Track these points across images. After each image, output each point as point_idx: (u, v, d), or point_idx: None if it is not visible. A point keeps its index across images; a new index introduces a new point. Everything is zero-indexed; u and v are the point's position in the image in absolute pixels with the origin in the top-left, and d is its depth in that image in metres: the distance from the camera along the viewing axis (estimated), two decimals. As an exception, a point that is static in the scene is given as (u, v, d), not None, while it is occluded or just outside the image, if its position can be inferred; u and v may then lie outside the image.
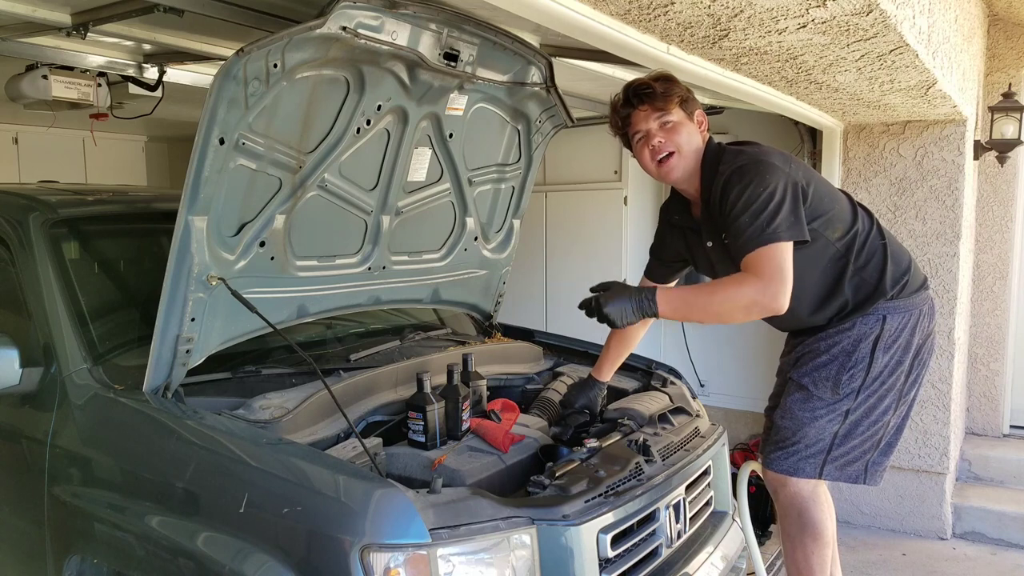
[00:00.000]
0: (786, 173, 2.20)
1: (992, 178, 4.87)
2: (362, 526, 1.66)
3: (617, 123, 2.39)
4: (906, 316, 2.34)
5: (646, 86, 2.30)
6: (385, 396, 2.42)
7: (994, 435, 5.04)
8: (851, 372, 2.33)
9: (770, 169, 2.19)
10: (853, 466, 2.40)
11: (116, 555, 1.99)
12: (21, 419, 2.26)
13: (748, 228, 2.13)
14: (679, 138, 2.31)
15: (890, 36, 2.41)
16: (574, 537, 1.85)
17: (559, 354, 3.16)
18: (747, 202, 2.14)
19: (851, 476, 2.40)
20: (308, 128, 2.17)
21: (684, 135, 2.31)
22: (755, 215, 2.12)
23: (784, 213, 2.14)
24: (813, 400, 2.37)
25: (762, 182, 2.16)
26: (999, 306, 4.93)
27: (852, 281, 2.34)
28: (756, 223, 2.12)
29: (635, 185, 4.81)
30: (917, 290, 2.40)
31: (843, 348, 2.34)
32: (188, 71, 3.23)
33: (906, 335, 2.35)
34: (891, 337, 2.33)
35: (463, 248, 2.96)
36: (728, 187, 2.20)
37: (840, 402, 2.35)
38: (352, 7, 1.95)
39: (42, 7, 2.40)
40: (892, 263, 2.36)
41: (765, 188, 2.15)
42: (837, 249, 2.33)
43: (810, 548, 2.43)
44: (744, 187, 2.16)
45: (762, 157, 2.24)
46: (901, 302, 2.34)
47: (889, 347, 2.33)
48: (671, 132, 2.31)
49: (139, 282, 2.65)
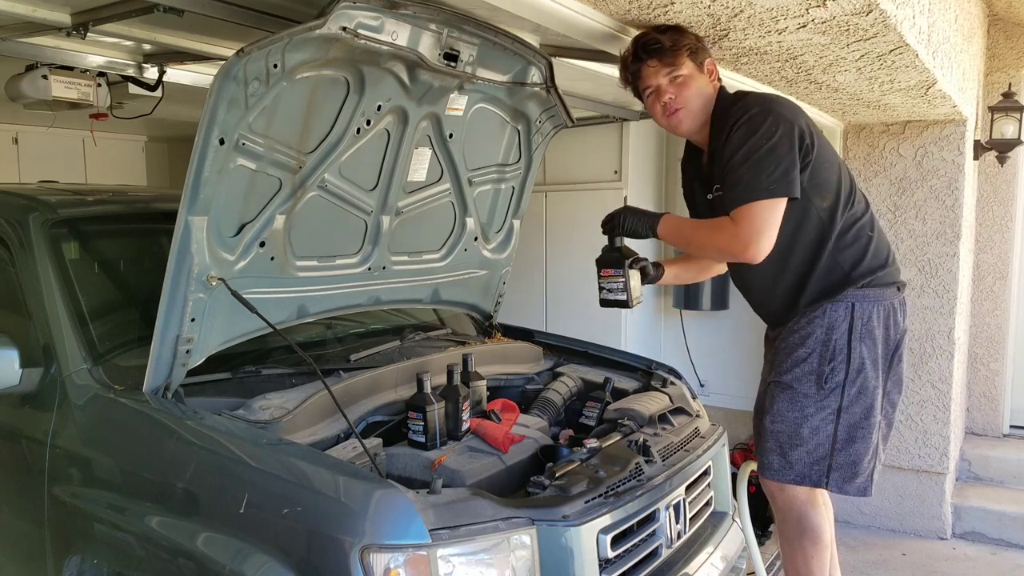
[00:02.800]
0: (792, 124, 2.21)
1: (992, 178, 4.87)
2: (362, 526, 1.66)
3: (627, 78, 2.40)
4: (876, 306, 2.32)
5: (654, 40, 2.29)
6: (385, 396, 2.42)
7: (994, 435, 5.04)
8: (832, 365, 2.31)
9: (778, 120, 2.20)
10: (860, 478, 2.35)
11: (116, 555, 1.99)
12: (21, 419, 2.26)
13: (744, 178, 2.16)
14: (689, 92, 2.32)
15: (890, 36, 2.41)
16: (574, 538, 1.85)
17: (559, 354, 3.15)
18: (747, 152, 2.16)
19: (859, 488, 2.36)
20: (308, 128, 2.17)
21: (694, 89, 2.32)
22: (754, 167, 2.15)
23: (783, 167, 2.16)
24: (799, 398, 2.33)
25: (767, 133, 2.17)
26: (999, 306, 4.93)
27: (827, 261, 2.33)
28: (754, 175, 2.14)
29: (635, 185, 4.80)
30: (888, 285, 2.37)
31: (817, 338, 2.32)
32: (188, 71, 3.22)
33: (881, 329, 2.33)
34: (864, 327, 2.30)
35: (463, 248, 2.96)
36: (732, 136, 2.21)
37: (827, 398, 2.31)
38: (352, 7, 1.95)
39: (42, 7, 2.40)
40: (871, 256, 2.35)
41: (768, 139, 2.16)
42: (820, 217, 2.31)
43: (809, 552, 2.41)
44: (747, 135, 2.18)
45: (772, 107, 2.24)
46: (870, 291, 2.32)
47: (864, 337, 2.31)
48: (681, 87, 2.31)
49: (139, 282, 2.65)
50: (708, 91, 2.34)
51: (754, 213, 2.15)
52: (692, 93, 2.31)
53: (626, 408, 2.56)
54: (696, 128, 2.37)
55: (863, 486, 2.36)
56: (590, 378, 2.90)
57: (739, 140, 2.19)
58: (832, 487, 2.36)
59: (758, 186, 2.14)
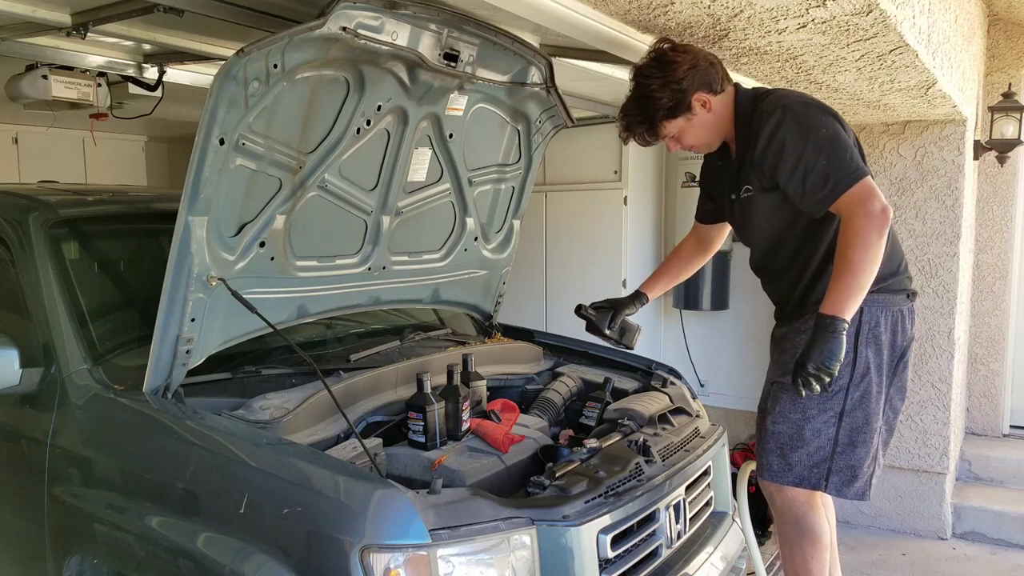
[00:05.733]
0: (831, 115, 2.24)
1: (992, 178, 4.87)
2: (362, 527, 1.66)
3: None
4: (884, 312, 2.32)
5: (626, 125, 2.38)
6: (385, 396, 2.42)
7: (994, 435, 5.04)
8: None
9: (818, 114, 2.22)
10: (858, 482, 2.34)
11: (116, 555, 1.99)
12: (21, 419, 2.26)
13: (830, 172, 2.14)
14: (689, 137, 2.37)
15: (890, 36, 2.41)
16: (574, 538, 1.85)
17: (559, 354, 3.15)
18: (815, 149, 2.15)
19: (857, 492, 2.35)
20: (308, 128, 2.17)
21: (694, 131, 2.35)
22: (835, 157, 2.14)
23: (852, 150, 2.17)
24: (802, 400, 2.31)
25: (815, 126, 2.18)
26: (999, 306, 4.93)
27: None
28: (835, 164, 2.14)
29: (635, 185, 4.80)
30: (897, 292, 2.37)
31: None
32: (188, 71, 3.23)
33: (888, 334, 2.32)
34: (870, 332, 2.30)
35: (463, 248, 2.96)
36: (783, 143, 2.19)
37: (830, 401, 2.30)
38: (352, 7, 1.95)
39: (42, 7, 2.40)
40: (884, 263, 2.33)
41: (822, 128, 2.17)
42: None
43: (808, 553, 2.41)
44: (799, 137, 2.17)
45: (807, 102, 2.27)
46: (879, 297, 2.30)
47: (870, 342, 2.30)
48: (681, 138, 2.38)
49: (139, 282, 2.65)
50: (710, 119, 2.34)
51: (858, 198, 2.12)
52: (694, 133, 2.36)
53: (626, 408, 2.56)
54: (719, 140, 2.42)
55: (861, 490, 2.35)
56: (590, 378, 2.90)
57: (793, 145, 2.18)
58: (831, 490, 2.35)
59: (846, 171, 2.14)
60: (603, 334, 2.70)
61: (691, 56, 2.28)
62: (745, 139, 2.30)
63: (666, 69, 2.27)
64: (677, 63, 2.26)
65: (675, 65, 2.26)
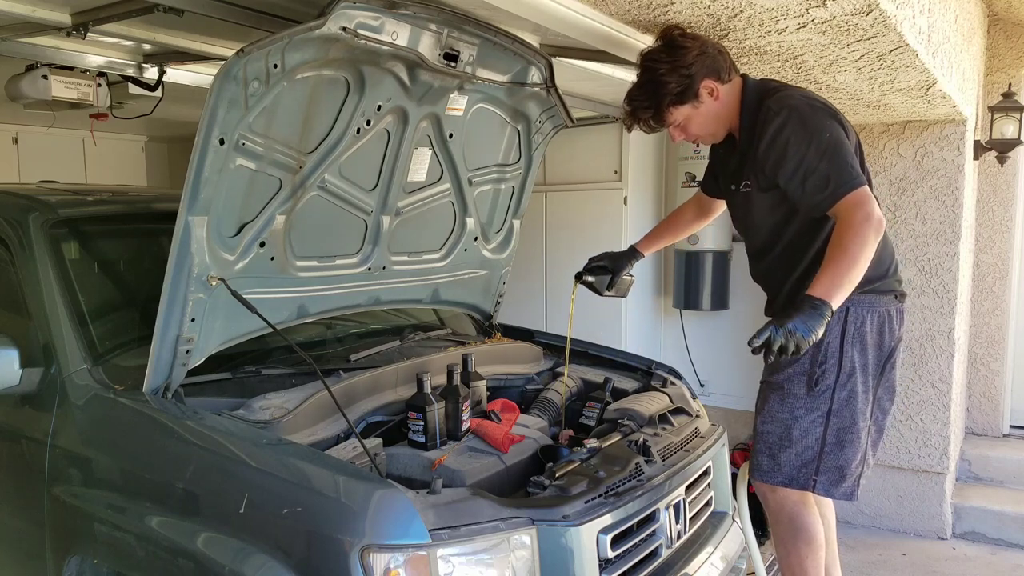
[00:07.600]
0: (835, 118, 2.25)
1: (992, 178, 4.87)
2: (362, 527, 1.66)
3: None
4: (870, 312, 2.31)
5: (632, 110, 2.36)
6: (385, 396, 2.42)
7: (994, 435, 5.04)
8: (823, 367, 2.29)
9: (822, 117, 2.22)
10: (847, 482, 2.34)
11: (116, 556, 1.99)
12: (21, 419, 2.26)
13: (831, 175, 2.14)
14: (695, 126, 2.37)
15: (890, 36, 2.41)
16: (574, 538, 1.85)
17: (559, 354, 3.15)
18: (816, 152, 2.16)
19: (845, 492, 2.35)
20: (308, 128, 2.17)
21: (700, 119, 2.35)
22: (837, 162, 2.14)
23: (853, 158, 2.19)
24: (789, 399, 2.32)
25: (818, 128, 2.19)
26: (999, 306, 4.93)
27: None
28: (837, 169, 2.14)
29: (635, 185, 4.81)
30: (885, 293, 2.36)
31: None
32: (188, 71, 3.23)
33: (874, 335, 2.32)
34: (856, 332, 2.29)
35: (463, 248, 2.96)
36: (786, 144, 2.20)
37: (817, 400, 2.30)
38: (352, 7, 1.95)
39: (42, 7, 2.40)
40: (873, 266, 2.32)
41: (825, 132, 2.18)
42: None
43: (803, 552, 2.40)
44: (802, 139, 2.17)
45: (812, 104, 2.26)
46: (866, 297, 2.30)
47: (855, 342, 2.29)
48: (686, 127, 2.37)
49: (139, 282, 2.65)
50: (715, 107, 2.32)
51: (857, 201, 2.12)
52: (699, 122, 2.35)
53: (626, 408, 2.56)
54: (724, 131, 2.42)
55: (849, 490, 2.35)
56: (590, 378, 2.91)
57: (796, 147, 2.18)
58: (819, 490, 2.34)
59: (847, 176, 2.14)
60: (602, 295, 2.89)
61: (700, 43, 2.28)
62: (749, 133, 2.30)
63: (675, 54, 2.26)
64: (687, 48, 2.25)
65: (684, 50, 2.25)
